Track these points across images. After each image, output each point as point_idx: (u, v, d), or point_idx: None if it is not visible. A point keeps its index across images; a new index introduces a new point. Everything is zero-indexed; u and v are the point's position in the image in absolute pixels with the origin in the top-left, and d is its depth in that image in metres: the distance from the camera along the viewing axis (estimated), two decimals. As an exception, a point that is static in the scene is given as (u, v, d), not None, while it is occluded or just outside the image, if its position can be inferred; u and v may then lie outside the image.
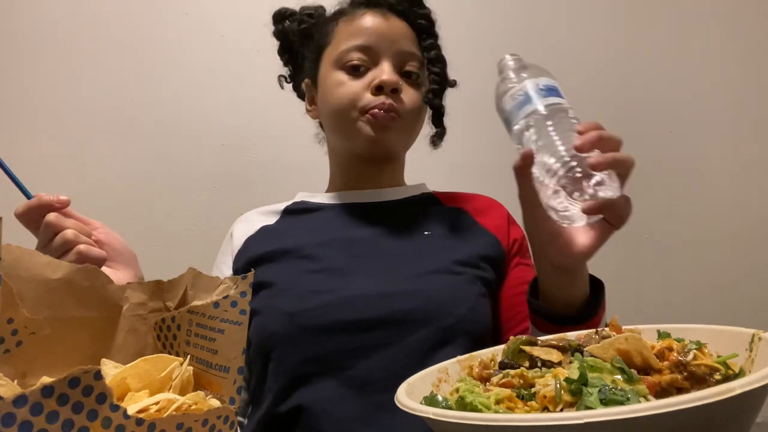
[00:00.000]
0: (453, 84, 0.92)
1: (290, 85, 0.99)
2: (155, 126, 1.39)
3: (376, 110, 0.78)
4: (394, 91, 0.79)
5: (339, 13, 0.88)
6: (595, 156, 0.54)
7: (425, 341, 0.71)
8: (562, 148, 0.56)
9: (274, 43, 0.95)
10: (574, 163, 0.54)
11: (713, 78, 1.51)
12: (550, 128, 0.58)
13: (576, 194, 0.55)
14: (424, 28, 0.86)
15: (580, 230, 0.61)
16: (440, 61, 0.85)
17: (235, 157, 1.39)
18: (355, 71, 0.81)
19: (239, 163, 1.39)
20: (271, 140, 1.41)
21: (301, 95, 0.96)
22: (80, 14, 1.40)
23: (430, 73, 0.83)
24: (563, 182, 0.55)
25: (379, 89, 0.79)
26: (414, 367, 0.51)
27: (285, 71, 0.98)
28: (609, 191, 0.54)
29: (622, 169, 0.56)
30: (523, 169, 0.59)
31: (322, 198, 0.90)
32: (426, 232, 0.83)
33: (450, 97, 0.95)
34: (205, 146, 1.39)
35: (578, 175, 0.54)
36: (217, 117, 1.40)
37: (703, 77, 1.50)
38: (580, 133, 0.56)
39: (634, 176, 0.58)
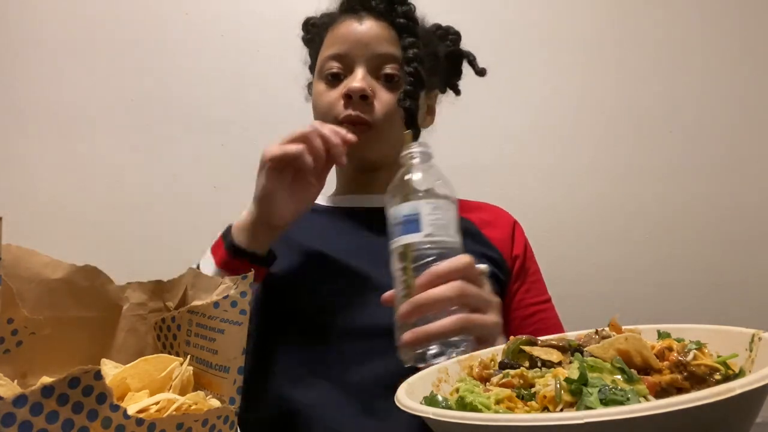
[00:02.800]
0: (482, 73, 0.90)
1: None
2: (155, 126, 1.39)
3: (346, 123, 0.77)
4: (364, 98, 0.78)
5: (329, 22, 0.87)
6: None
7: None
8: None
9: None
10: None
11: (713, 78, 1.51)
12: None
13: None
14: (404, 27, 0.82)
15: None
16: (416, 60, 0.80)
17: (235, 157, 1.39)
18: (335, 79, 0.81)
19: (239, 164, 1.39)
20: (271, 140, 1.40)
21: None
22: (80, 14, 1.40)
23: (405, 74, 0.80)
24: None
25: (348, 97, 0.78)
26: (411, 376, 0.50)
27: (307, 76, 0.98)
28: None
29: None
30: None
31: (326, 201, 0.91)
32: None
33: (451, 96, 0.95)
34: (205, 146, 1.39)
35: None
36: (217, 117, 1.40)
37: (703, 77, 1.50)
38: None
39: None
